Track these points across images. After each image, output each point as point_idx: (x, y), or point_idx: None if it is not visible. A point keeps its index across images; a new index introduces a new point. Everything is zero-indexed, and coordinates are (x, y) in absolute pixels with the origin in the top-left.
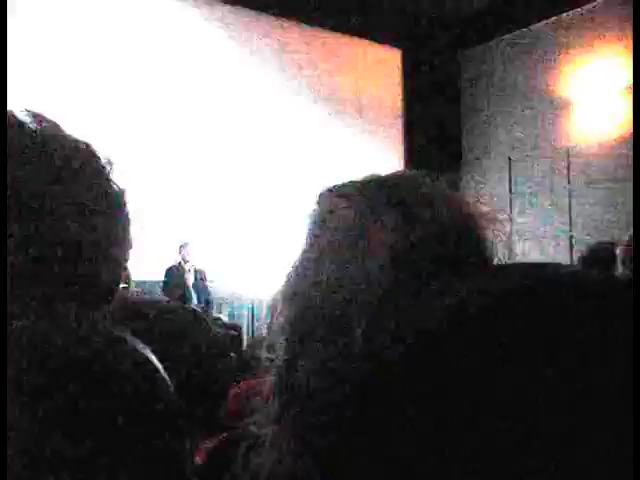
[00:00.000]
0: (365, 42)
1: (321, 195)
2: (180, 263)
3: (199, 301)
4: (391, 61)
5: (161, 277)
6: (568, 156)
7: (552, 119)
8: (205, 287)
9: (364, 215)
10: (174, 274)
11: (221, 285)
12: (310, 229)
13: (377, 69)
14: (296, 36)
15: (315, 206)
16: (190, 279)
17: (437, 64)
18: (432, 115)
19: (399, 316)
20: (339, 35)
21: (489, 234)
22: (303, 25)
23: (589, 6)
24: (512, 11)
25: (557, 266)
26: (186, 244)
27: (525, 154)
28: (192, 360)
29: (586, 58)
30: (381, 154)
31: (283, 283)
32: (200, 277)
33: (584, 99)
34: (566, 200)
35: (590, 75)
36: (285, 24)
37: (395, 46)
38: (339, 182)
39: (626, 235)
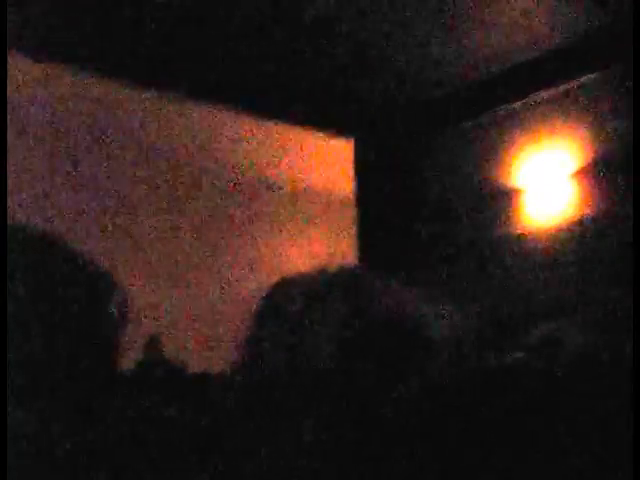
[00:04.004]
0: (313, 131)
1: (271, 288)
2: None
3: None
4: (342, 151)
5: None
6: (519, 243)
7: (502, 208)
8: None
9: (313, 309)
10: None
11: None
12: (259, 321)
13: (327, 159)
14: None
15: (264, 300)
16: None
17: (389, 153)
18: (385, 205)
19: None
20: (285, 125)
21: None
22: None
23: (536, 97)
24: (463, 101)
25: None
26: None
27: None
28: None
29: (534, 147)
30: (332, 247)
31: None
32: None
33: (533, 187)
34: None
35: (538, 163)
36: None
37: (346, 135)
38: (290, 274)
39: None
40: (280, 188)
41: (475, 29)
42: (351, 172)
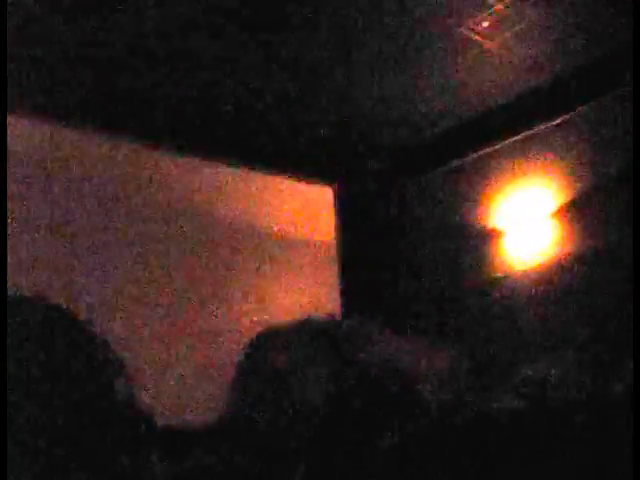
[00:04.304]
0: (292, 181)
1: (256, 339)
2: None
3: None
4: (323, 198)
5: None
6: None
7: (483, 250)
8: None
9: (299, 362)
10: None
11: None
12: (244, 372)
13: (307, 207)
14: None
15: (249, 350)
16: None
17: (370, 200)
18: (367, 251)
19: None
20: (263, 174)
21: (418, 375)
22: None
23: (514, 139)
24: (442, 146)
25: None
26: None
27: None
28: None
29: (513, 188)
30: (316, 293)
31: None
32: None
33: (512, 228)
34: None
35: (517, 204)
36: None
37: (325, 183)
38: (275, 323)
39: None
40: (263, 236)
41: (450, 74)
42: (332, 219)
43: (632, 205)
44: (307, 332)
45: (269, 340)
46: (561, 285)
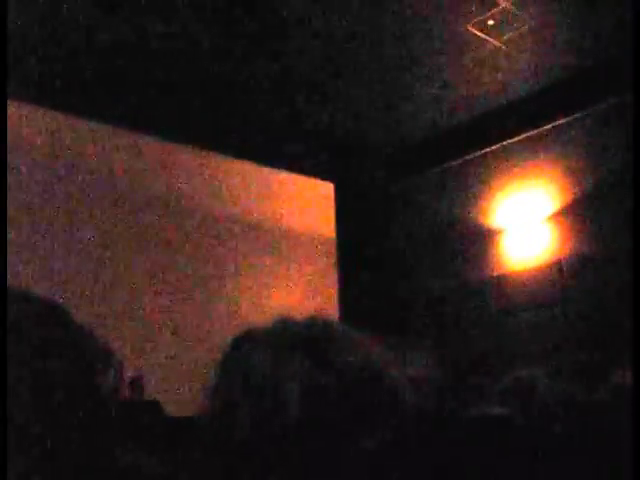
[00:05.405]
0: (294, 175)
1: (233, 340)
2: None
3: None
4: (323, 194)
5: None
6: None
7: (481, 248)
8: None
9: (278, 361)
10: None
11: None
12: (224, 372)
13: (308, 202)
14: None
15: (231, 348)
16: None
17: (370, 196)
18: (365, 247)
19: None
20: (266, 168)
21: (398, 379)
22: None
23: (516, 139)
24: (442, 145)
25: None
26: None
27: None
28: None
29: (512, 189)
30: (309, 290)
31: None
32: None
33: (510, 228)
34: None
35: (515, 205)
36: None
37: (326, 178)
38: (256, 324)
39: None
40: (262, 230)
41: (454, 73)
42: (332, 215)
43: (632, 205)
44: (284, 334)
45: (249, 340)
46: (558, 287)
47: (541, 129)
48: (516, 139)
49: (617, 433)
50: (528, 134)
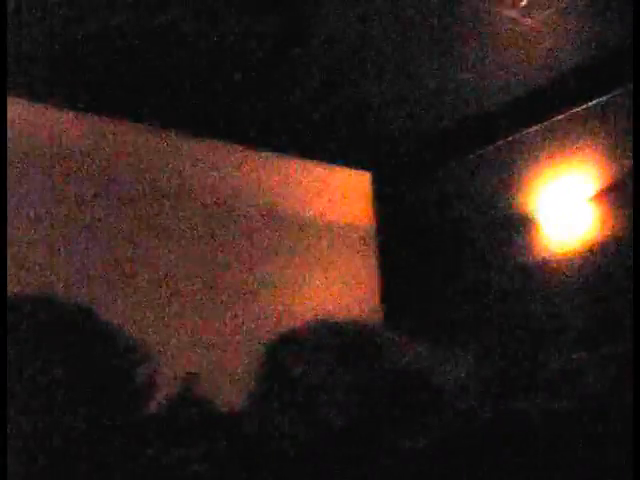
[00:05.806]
0: (331, 166)
1: (275, 344)
2: None
3: None
4: (359, 185)
5: None
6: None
7: (522, 236)
8: None
9: (317, 370)
10: None
11: None
12: (262, 380)
13: (345, 194)
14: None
15: (268, 355)
16: None
17: (406, 186)
18: (404, 238)
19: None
20: (302, 160)
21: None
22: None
23: (549, 122)
24: (477, 129)
25: None
26: None
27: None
28: None
29: (551, 172)
30: (349, 286)
31: None
32: None
33: (550, 212)
34: None
35: (555, 188)
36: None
37: (363, 169)
38: (293, 328)
39: None
40: (297, 223)
41: (484, 57)
42: (369, 206)
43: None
44: (326, 340)
45: (287, 347)
46: (600, 271)
47: (580, 109)
48: (554, 120)
49: None
50: (566, 114)
